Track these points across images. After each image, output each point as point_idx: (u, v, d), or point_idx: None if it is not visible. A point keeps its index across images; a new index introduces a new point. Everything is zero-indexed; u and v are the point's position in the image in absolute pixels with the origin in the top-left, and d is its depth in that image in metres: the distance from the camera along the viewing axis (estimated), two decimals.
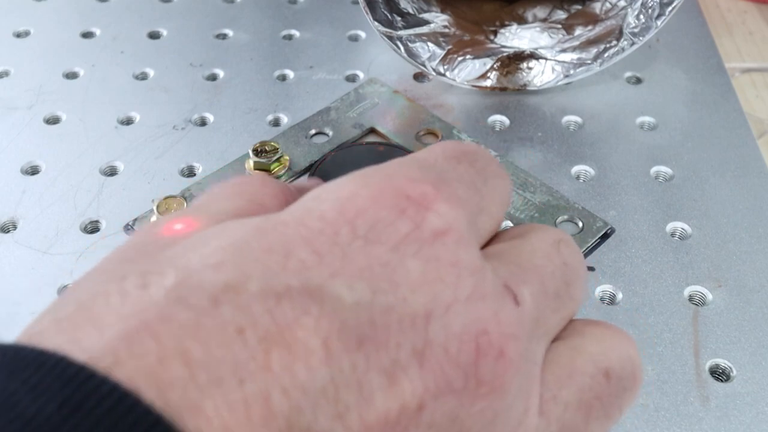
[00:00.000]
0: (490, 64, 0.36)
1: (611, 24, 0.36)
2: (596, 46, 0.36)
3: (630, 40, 0.35)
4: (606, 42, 0.35)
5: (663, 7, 0.34)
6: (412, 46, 0.35)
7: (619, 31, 0.35)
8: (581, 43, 0.36)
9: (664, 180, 0.32)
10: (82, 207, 0.30)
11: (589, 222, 0.30)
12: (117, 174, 0.32)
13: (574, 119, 0.35)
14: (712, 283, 0.28)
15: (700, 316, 0.27)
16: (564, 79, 0.36)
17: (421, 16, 0.36)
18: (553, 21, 0.38)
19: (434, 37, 0.36)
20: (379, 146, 0.32)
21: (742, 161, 0.33)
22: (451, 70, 0.36)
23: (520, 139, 0.34)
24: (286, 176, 0.31)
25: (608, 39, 0.35)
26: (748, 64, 0.45)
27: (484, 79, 0.36)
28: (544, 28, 0.38)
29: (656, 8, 0.34)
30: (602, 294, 0.28)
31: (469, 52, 0.36)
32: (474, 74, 0.36)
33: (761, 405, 0.24)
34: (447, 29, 0.36)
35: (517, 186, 0.31)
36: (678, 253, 0.29)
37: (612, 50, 0.35)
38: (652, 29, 0.34)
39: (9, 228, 0.30)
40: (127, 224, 0.30)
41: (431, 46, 0.35)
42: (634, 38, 0.35)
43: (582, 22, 0.37)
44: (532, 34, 0.38)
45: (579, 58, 0.36)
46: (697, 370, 0.25)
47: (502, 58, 0.36)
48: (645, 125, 0.35)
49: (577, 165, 0.33)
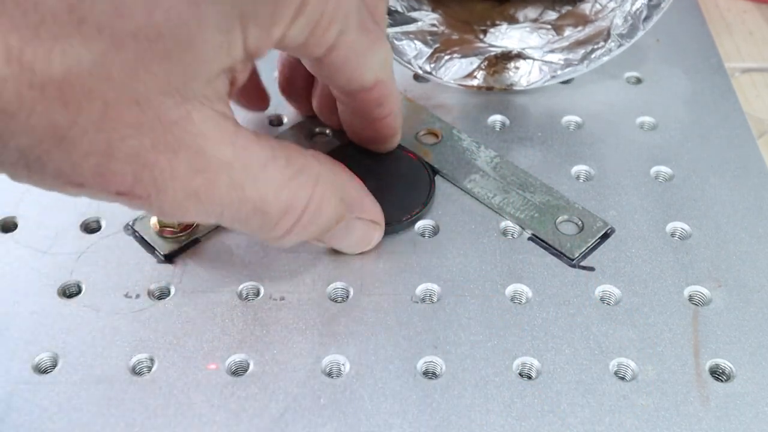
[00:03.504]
0: (477, 63, 0.36)
1: (600, 25, 0.36)
2: (584, 47, 0.36)
3: (617, 41, 0.35)
4: (594, 43, 0.35)
5: (650, 10, 0.34)
6: (398, 44, 0.35)
7: (607, 32, 0.35)
8: (570, 44, 0.36)
9: (664, 180, 0.32)
10: (82, 207, 0.30)
11: (589, 222, 0.30)
12: None
13: (574, 119, 0.35)
14: (712, 283, 0.28)
15: (700, 316, 0.27)
16: (551, 79, 0.36)
17: (410, 14, 0.36)
18: (543, 21, 0.38)
19: (422, 35, 0.36)
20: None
21: (742, 161, 0.33)
22: (437, 68, 0.35)
23: (520, 139, 0.34)
24: None
25: (596, 40, 0.35)
26: (748, 64, 0.45)
27: (471, 78, 0.36)
28: (534, 28, 0.38)
29: (644, 10, 0.34)
30: (602, 294, 0.28)
31: (456, 51, 0.36)
32: (461, 73, 0.36)
33: (761, 405, 0.24)
34: (436, 28, 0.36)
35: (517, 186, 0.31)
36: (678, 253, 0.29)
37: (599, 51, 0.35)
38: (640, 31, 0.34)
39: (9, 228, 0.30)
40: (127, 224, 0.30)
41: (418, 44, 0.35)
42: (621, 40, 0.35)
43: (572, 23, 0.37)
44: (522, 34, 0.37)
45: (566, 59, 0.36)
46: (697, 370, 0.25)
47: (489, 57, 0.36)
48: (645, 125, 0.35)
49: (576, 165, 0.33)
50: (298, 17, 0.21)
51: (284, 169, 0.23)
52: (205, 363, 0.25)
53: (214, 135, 0.20)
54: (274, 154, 0.22)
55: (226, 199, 0.21)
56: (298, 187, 0.23)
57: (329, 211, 0.25)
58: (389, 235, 0.29)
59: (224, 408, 0.24)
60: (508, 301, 0.27)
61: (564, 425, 0.24)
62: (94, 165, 0.18)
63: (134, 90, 0.17)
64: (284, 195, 0.23)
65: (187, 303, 0.27)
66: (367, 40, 0.24)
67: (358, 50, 0.24)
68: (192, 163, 0.19)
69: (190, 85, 0.18)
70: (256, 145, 0.22)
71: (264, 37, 0.20)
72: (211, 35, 0.18)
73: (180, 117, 0.18)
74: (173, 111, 0.18)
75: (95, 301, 0.27)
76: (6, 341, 0.26)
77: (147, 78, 0.17)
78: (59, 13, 0.15)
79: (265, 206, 0.22)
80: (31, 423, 0.24)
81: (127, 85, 0.17)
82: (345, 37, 0.23)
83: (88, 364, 0.25)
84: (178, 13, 0.17)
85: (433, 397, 0.24)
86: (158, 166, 0.19)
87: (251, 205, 0.22)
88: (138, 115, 0.17)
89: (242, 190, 0.21)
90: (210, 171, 0.20)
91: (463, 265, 0.29)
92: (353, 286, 0.28)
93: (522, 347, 0.26)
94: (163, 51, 0.17)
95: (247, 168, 0.21)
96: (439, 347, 0.26)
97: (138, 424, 0.24)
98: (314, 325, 0.26)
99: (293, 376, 0.25)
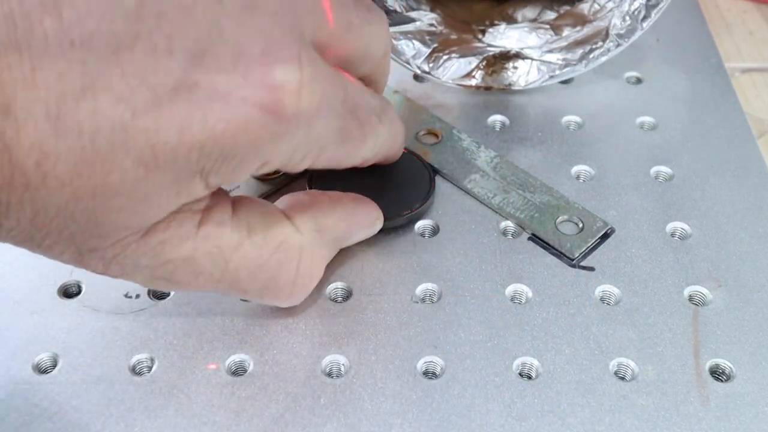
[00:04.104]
0: (475, 63, 0.36)
1: (599, 25, 0.36)
2: (582, 47, 0.36)
3: (615, 41, 0.35)
4: (592, 43, 0.35)
5: (649, 10, 0.34)
6: (397, 43, 0.35)
7: (605, 32, 0.35)
8: (569, 44, 0.36)
9: (664, 180, 0.32)
10: None
11: (589, 222, 0.30)
12: None
13: (574, 119, 0.35)
14: (712, 283, 0.28)
15: (700, 316, 0.27)
16: (549, 79, 0.36)
17: (408, 14, 0.36)
18: (542, 21, 0.38)
19: (420, 35, 0.36)
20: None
21: (742, 161, 0.33)
22: (436, 68, 0.35)
23: (520, 139, 0.34)
24: (285, 176, 0.31)
25: (595, 40, 0.35)
26: (748, 64, 0.45)
27: (469, 78, 0.36)
28: (533, 28, 0.38)
29: (642, 10, 0.34)
30: (602, 294, 0.28)
31: (454, 50, 0.36)
32: (459, 73, 0.36)
33: (761, 405, 0.24)
34: (434, 27, 0.36)
35: (517, 186, 0.31)
36: (678, 253, 0.29)
37: (597, 51, 0.35)
38: (638, 31, 0.34)
39: None
40: None
41: (416, 44, 0.35)
42: (619, 40, 0.35)
43: (570, 23, 0.37)
44: (521, 33, 0.37)
45: (564, 59, 0.36)
46: (697, 370, 0.25)
47: (488, 57, 0.36)
48: (645, 125, 0.35)
49: (576, 165, 0.33)
50: (263, 168, 0.21)
51: (260, 248, 0.23)
52: (205, 363, 0.25)
53: (174, 240, 0.21)
54: (250, 233, 0.23)
55: (193, 283, 0.22)
56: (279, 265, 0.23)
57: (321, 269, 0.26)
58: (389, 229, 0.29)
59: (224, 408, 0.24)
60: (508, 301, 0.27)
61: (564, 425, 0.24)
62: (70, 257, 0.20)
63: (96, 229, 0.19)
64: (263, 275, 0.23)
65: (187, 303, 0.27)
66: (351, 145, 0.24)
67: (341, 158, 0.24)
68: (152, 262, 0.21)
69: (148, 222, 0.20)
70: (227, 228, 0.22)
71: (227, 181, 0.21)
72: (168, 190, 0.19)
73: (139, 241, 0.20)
74: (132, 237, 0.20)
75: (95, 301, 0.27)
76: (6, 341, 0.26)
77: (107, 222, 0.19)
78: (28, 167, 0.17)
79: (242, 285, 0.23)
80: (31, 423, 0.24)
81: (89, 230, 0.19)
82: (323, 157, 0.23)
83: (88, 364, 0.25)
84: (135, 176, 0.18)
85: (433, 397, 0.24)
86: (123, 265, 0.21)
87: (226, 286, 0.23)
88: (99, 242, 0.20)
89: (210, 276, 0.22)
90: (170, 265, 0.21)
91: (463, 265, 0.29)
92: (353, 286, 0.28)
93: (522, 347, 0.26)
94: (120, 206, 0.19)
95: (213, 257, 0.22)
96: (439, 347, 0.26)
97: (138, 424, 0.24)
98: (314, 325, 0.26)
99: (293, 376, 0.25)
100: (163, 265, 0.21)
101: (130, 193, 0.19)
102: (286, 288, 0.24)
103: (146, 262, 0.21)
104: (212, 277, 0.22)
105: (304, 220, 0.25)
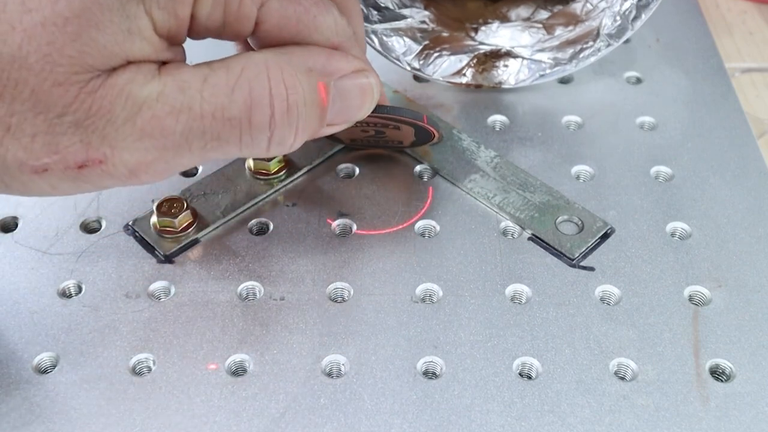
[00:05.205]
0: (466, 60, 0.36)
1: (590, 25, 0.36)
2: (573, 46, 0.36)
3: (606, 41, 0.35)
4: (583, 43, 0.35)
5: (639, 10, 0.34)
6: (387, 40, 0.35)
7: (596, 32, 0.35)
8: (560, 44, 0.36)
9: (664, 180, 0.32)
10: (82, 207, 0.30)
11: (589, 222, 0.30)
12: None
13: (574, 119, 0.35)
14: (712, 283, 0.28)
15: (700, 316, 0.27)
16: (539, 78, 0.36)
17: (400, 11, 0.36)
18: (535, 20, 0.38)
19: (411, 32, 0.36)
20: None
21: (742, 161, 0.33)
22: (426, 65, 0.35)
23: (520, 139, 0.34)
24: (286, 175, 0.31)
25: (585, 40, 0.35)
26: (748, 64, 0.45)
27: (459, 76, 0.36)
28: (525, 27, 0.38)
29: (633, 10, 0.34)
30: (602, 294, 0.28)
31: (446, 48, 0.36)
32: (450, 70, 0.36)
33: (761, 405, 0.24)
34: (426, 25, 0.36)
35: (517, 186, 0.31)
36: (678, 253, 0.29)
37: (587, 51, 0.35)
38: (628, 31, 0.34)
39: (9, 228, 0.30)
40: (127, 224, 0.30)
41: (407, 40, 0.35)
42: (610, 40, 0.35)
43: (563, 22, 0.37)
44: (513, 32, 0.37)
45: (555, 58, 0.36)
46: (697, 370, 0.25)
47: (478, 55, 0.36)
48: (645, 125, 0.35)
49: (577, 165, 0.33)
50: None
51: (227, 74, 0.22)
52: (205, 363, 0.25)
53: (138, 78, 0.21)
54: (212, 68, 0.22)
55: (179, 127, 0.21)
56: (250, 81, 0.23)
57: (299, 86, 0.23)
58: (389, 229, 0.29)
59: (224, 408, 0.24)
60: (508, 301, 0.27)
61: (564, 425, 0.24)
62: (45, 144, 0.20)
63: (54, 73, 0.19)
64: (238, 94, 0.22)
65: (187, 303, 0.27)
66: (301, 6, 0.23)
67: (292, 17, 0.23)
68: (127, 109, 0.21)
69: (108, 64, 0.20)
70: (189, 67, 0.22)
71: (171, 19, 0.21)
72: (115, 18, 0.20)
73: (104, 84, 0.20)
74: (95, 82, 0.20)
75: (95, 301, 0.27)
76: (6, 341, 0.26)
77: (63, 61, 0.19)
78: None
79: (225, 112, 0.22)
80: (31, 423, 0.24)
81: (46, 70, 0.19)
82: (268, 7, 0.23)
83: (88, 364, 0.25)
84: (80, 1, 0.19)
85: (433, 397, 0.24)
86: (99, 126, 0.20)
87: (209, 118, 0.22)
88: (63, 94, 0.20)
89: (189, 110, 0.22)
90: (146, 107, 0.21)
91: (463, 265, 0.29)
92: (353, 286, 0.28)
93: (522, 347, 0.26)
94: (72, 34, 0.19)
95: (183, 89, 0.21)
96: (439, 347, 0.26)
97: (138, 424, 0.24)
98: (314, 325, 0.26)
99: (293, 376, 0.25)
100: (140, 112, 0.21)
101: (80, 17, 0.19)
102: (265, 99, 0.23)
103: (123, 114, 0.21)
104: (193, 112, 0.21)
105: (264, 48, 0.24)
